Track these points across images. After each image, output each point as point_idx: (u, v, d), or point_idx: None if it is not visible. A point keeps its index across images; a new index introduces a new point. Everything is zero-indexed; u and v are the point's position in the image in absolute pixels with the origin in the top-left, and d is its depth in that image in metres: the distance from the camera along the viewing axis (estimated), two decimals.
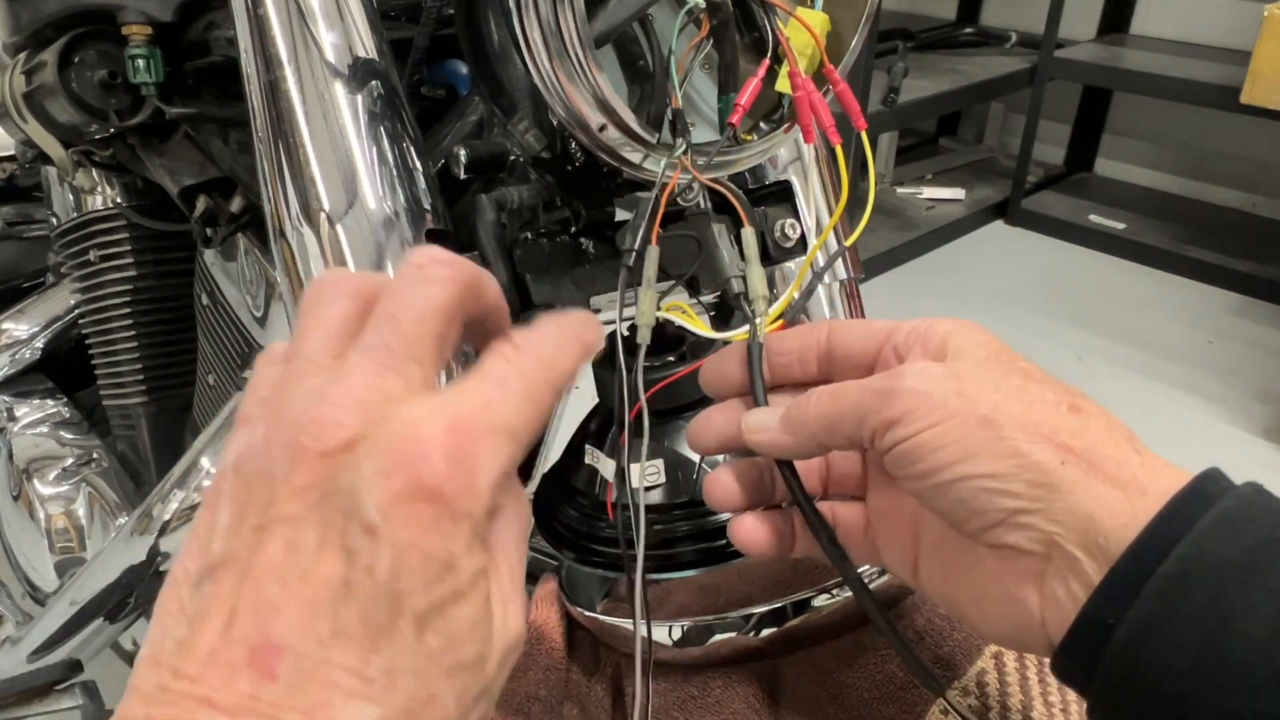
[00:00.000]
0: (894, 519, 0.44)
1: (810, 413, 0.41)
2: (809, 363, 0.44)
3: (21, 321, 1.24)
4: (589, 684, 0.56)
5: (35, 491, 1.11)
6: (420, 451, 0.29)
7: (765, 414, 0.43)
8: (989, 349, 0.39)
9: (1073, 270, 3.19)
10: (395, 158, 0.55)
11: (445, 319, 0.33)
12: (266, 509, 0.29)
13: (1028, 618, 0.37)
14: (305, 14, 0.55)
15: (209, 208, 0.79)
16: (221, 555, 0.30)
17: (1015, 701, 0.52)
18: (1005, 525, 0.37)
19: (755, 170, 0.68)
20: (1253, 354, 2.71)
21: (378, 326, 0.32)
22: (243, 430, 0.32)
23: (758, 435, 0.43)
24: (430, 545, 0.29)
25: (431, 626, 0.29)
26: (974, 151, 3.97)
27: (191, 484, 0.86)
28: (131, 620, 0.92)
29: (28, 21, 0.79)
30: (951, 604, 0.42)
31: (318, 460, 0.29)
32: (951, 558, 0.41)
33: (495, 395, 0.32)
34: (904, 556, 0.44)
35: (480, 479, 0.30)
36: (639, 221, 0.47)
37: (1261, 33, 2.56)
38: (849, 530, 0.45)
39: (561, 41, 0.49)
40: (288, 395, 0.31)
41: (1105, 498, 0.35)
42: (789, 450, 0.42)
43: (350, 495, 0.29)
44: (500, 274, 0.56)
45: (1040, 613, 0.37)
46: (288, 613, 0.28)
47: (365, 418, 0.30)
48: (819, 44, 0.49)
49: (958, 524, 0.38)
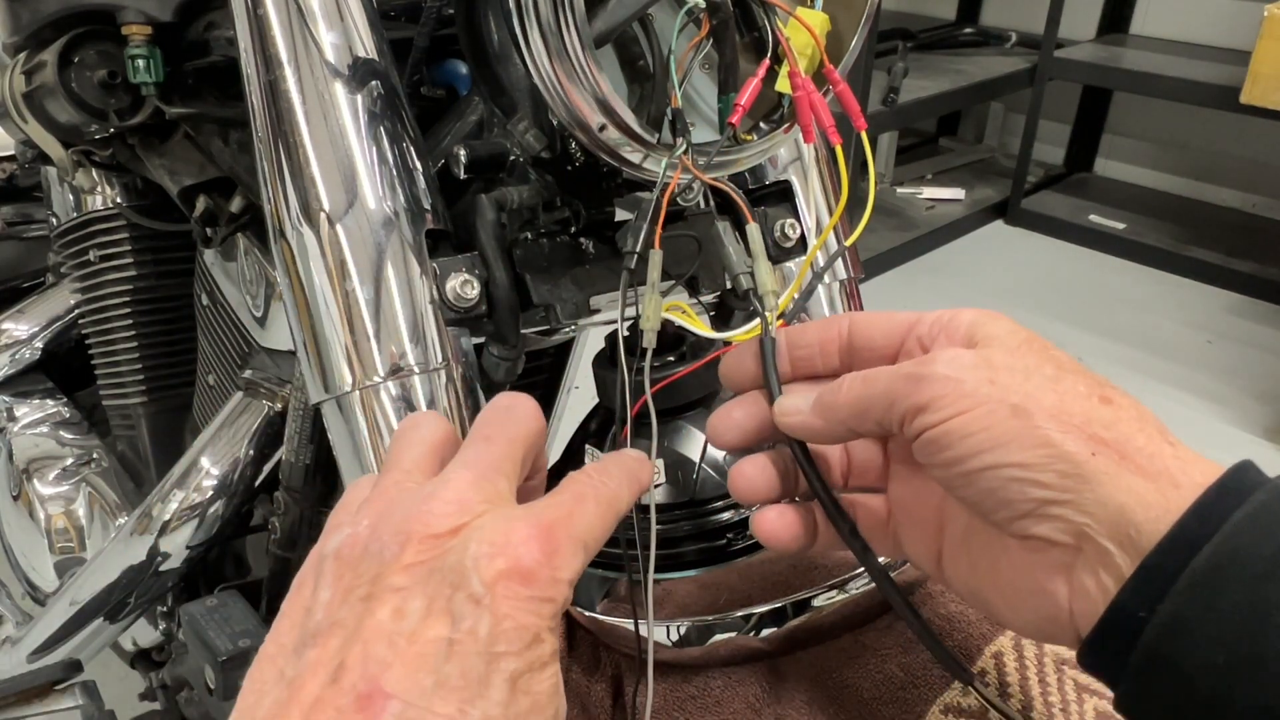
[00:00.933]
0: (918, 510, 0.44)
1: (842, 398, 0.41)
2: (830, 355, 0.44)
3: (21, 321, 1.24)
4: (589, 684, 0.56)
5: (35, 491, 1.11)
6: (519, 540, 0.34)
7: (799, 399, 0.43)
8: (1019, 337, 0.39)
9: (1073, 270, 3.19)
10: (395, 158, 0.55)
11: (527, 447, 0.40)
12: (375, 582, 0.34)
13: (1055, 609, 0.37)
14: (305, 14, 0.55)
15: (209, 208, 0.79)
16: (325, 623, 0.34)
17: (1015, 701, 0.52)
18: (1034, 516, 0.36)
19: (755, 170, 0.68)
20: (1253, 354, 2.71)
21: (474, 446, 0.39)
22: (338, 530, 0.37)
23: (790, 418, 0.43)
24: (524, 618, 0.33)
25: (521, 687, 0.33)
26: (974, 151, 3.97)
27: (191, 484, 0.87)
28: (131, 620, 0.92)
29: (28, 21, 0.79)
30: (977, 596, 0.42)
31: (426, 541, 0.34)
32: (978, 549, 0.40)
33: (577, 510, 0.37)
34: (928, 548, 0.43)
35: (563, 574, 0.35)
36: (640, 223, 0.47)
37: (1261, 33, 2.56)
38: (871, 521, 0.45)
39: (561, 41, 0.49)
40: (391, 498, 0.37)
41: (1137, 490, 0.35)
42: (819, 434, 0.43)
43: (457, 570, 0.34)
44: (500, 274, 0.56)
45: (1069, 605, 0.37)
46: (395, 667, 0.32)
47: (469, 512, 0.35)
48: (819, 44, 0.49)
49: (986, 514, 0.38)
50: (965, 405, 0.37)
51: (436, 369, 0.54)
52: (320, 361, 0.54)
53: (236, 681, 0.79)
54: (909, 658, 0.54)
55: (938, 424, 0.37)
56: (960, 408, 0.37)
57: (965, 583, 0.42)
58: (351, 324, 0.53)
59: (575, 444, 0.61)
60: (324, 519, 0.78)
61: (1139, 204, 3.49)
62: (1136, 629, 0.34)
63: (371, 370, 0.53)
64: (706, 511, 0.57)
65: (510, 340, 0.57)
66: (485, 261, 0.56)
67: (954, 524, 0.42)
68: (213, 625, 0.80)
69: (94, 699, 0.88)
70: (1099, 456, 0.35)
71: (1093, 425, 0.36)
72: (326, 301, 0.54)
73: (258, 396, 0.85)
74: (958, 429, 0.37)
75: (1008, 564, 0.39)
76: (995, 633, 0.53)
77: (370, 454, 0.54)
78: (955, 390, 0.37)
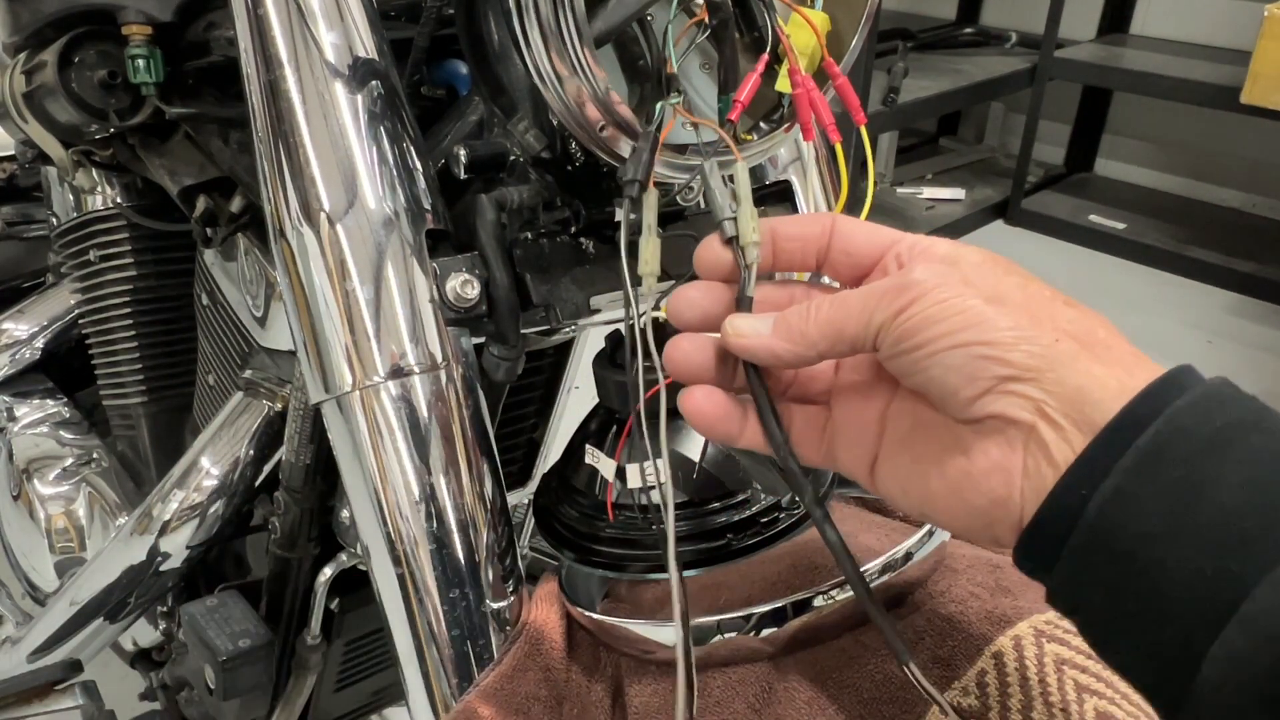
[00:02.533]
0: (860, 416, 0.45)
1: (813, 320, 0.42)
2: (809, 254, 0.45)
3: (21, 321, 1.24)
4: (589, 684, 0.56)
5: (35, 491, 1.11)
6: None
7: (756, 321, 0.43)
8: (986, 255, 0.41)
9: (1073, 270, 3.18)
10: (395, 158, 0.55)
11: None
12: None
13: (1005, 491, 0.38)
14: (305, 14, 0.55)
15: (209, 208, 0.79)
16: None
17: (1015, 702, 0.51)
18: (996, 392, 0.38)
19: (755, 170, 0.68)
20: (1253, 354, 2.71)
21: None
22: None
23: (748, 340, 0.43)
24: None
25: None
26: (974, 151, 3.97)
27: (191, 484, 0.87)
28: (131, 620, 0.92)
29: (28, 21, 0.79)
30: (918, 494, 0.42)
31: None
32: (924, 445, 0.41)
33: None
34: (862, 455, 0.44)
35: None
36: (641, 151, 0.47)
37: (1261, 33, 2.56)
38: (805, 431, 0.46)
39: (561, 41, 0.49)
40: None
41: (1095, 374, 0.37)
42: (784, 358, 0.43)
43: None
44: (500, 274, 0.56)
45: (1020, 485, 0.38)
46: None
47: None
48: (821, 42, 0.49)
49: (945, 395, 0.39)
50: (943, 294, 0.39)
51: (436, 369, 0.54)
52: (320, 361, 0.54)
53: (236, 681, 0.79)
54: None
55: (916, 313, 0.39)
56: (939, 295, 0.39)
57: (903, 482, 0.43)
58: (351, 324, 0.53)
59: (575, 444, 0.61)
60: (324, 518, 0.78)
61: (1139, 204, 3.49)
62: (1079, 507, 0.36)
63: (372, 370, 0.53)
64: (707, 511, 0.57)
65: (510, 340, 0.57)
66: (485, 261, 0.56)
67: (898, 424, 0.43)
68: (213, 625, 0.80)
69: (94, 699, 0.88)
70: (1062, 342, 0.38)
71: (1058, 319, 0.38)
72: (326, 301, 0.54)
73: (258, 396, 0.85)
74: (933, 315, 0.38)
75: (959, 452, 0.40)
76: (995, 633, 0.53)
77: (370, 454, 0.54)
78: (933, 290, 0.39)
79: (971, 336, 0.38)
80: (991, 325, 0.38)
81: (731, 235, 0.45)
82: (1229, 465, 0.34)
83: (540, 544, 0.93)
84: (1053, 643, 0.53)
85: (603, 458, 0.57)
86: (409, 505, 0.54)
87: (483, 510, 0.55)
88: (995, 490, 0.38)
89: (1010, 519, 0.38)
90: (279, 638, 0.83)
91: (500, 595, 0.55)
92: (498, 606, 0.55)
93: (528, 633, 0.55)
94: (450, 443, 0.54)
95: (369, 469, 0.54)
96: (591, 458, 0.58)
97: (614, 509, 0.57)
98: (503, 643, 0.55)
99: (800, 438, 0.46)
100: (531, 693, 0.54)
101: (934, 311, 0.38)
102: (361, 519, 0.55)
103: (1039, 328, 0.38)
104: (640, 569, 0.57)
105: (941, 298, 0.39)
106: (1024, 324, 0.38)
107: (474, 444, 0.55)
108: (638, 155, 0.47)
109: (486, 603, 0.55)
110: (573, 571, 0.59)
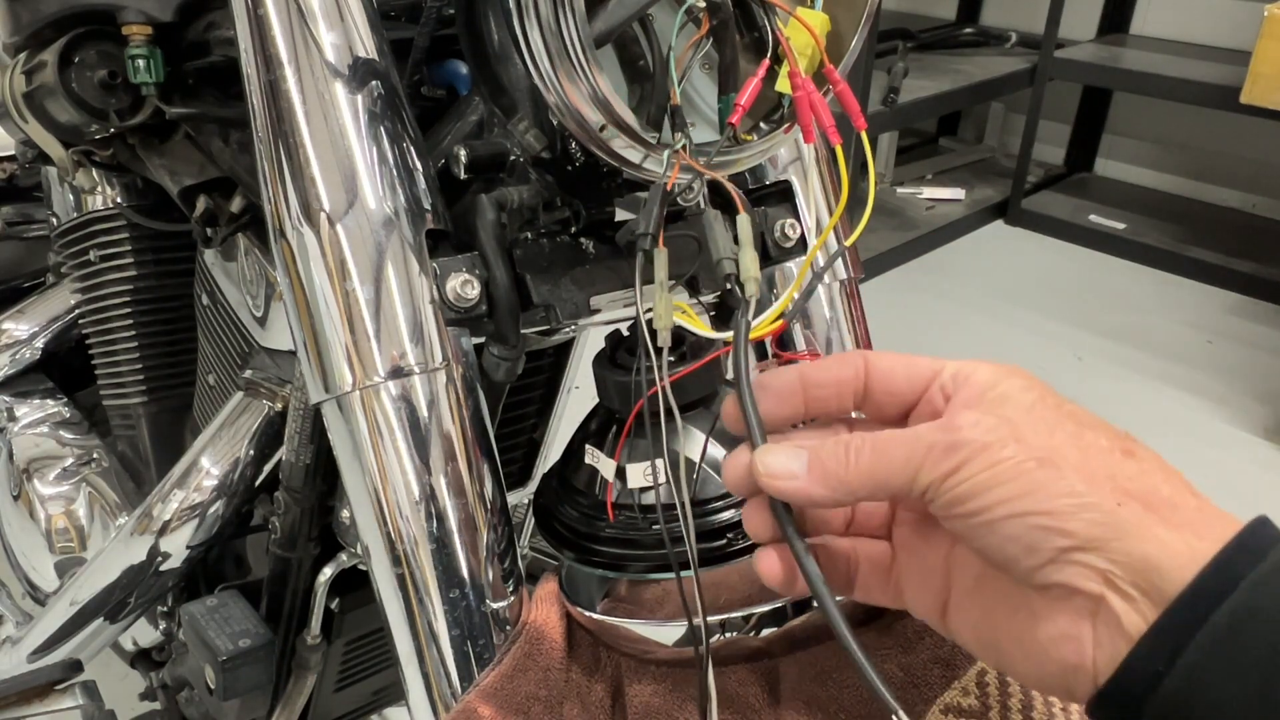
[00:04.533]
0: (925, 559, 0.43)
1: (853, 468, 0.40)
2: (844, 398, 0.43)
3: (21, 321, 1.24)
4: (589, 684, 0.56)
5: (35, 491, 1.11)
6: None
7: (789, 459, 0.41)
8: (1034, 393, 0.39)
9: (1073, 270, 3.18)
10: (395, 158, 0.55)
11: None
12: None
13: (1078, 658, 0.37)
14: (305, 14, 0.55)
15: (209, 208, 0.79)
16: None
17: (1015, 702, 0.52)
18: (1059, 563, 0.36)
19: (755, 170, 0.68)
20: (1253, 354, 2.71)
21: None
22: None
23: (783, 483, 0.41)
24: None
25: None
26: (974, 151, 3.96)
27: (191, 484, 0.87)
28: (132, 620, 0.92)
29: (28, 21, 0.79)
30: (991, 648, 0.41)
31: None
32: (993, 600, 0.40)
33: None
34: (933, 598, 0.43)
35: None
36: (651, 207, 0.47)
37: (1261, 33, 2.56)
38: (871, 574, 0.45)
39: (561, 41, 0.49)
40: None
41: (1163, 539, 0.35)
42: (820, 502, 0.41)
43: None
44: (500, 274, 0.56)
45: (1092, 653, 0.37)
46: None
47: None
48: (819, 44, 0.49)
49: (1007, 562, 0.38)
50: (993, 459, 0.37)
51: (436, 369, 0.54)
52: (320, 361, 0.54)
53: (236, 681, 0.79)
54: (909, 658, 0.54)
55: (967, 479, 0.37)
56: (989, 462, 0.37)
57: (976, 633, 0.41)
58: (351, 324, 0.53)
59: (575, 444, 0.61)
60: (324, 518, 0.78)
61: (1139, 204, 3.49)
62: (1155, 679, 0.35)
63: (372, 370, 0.53)
64: (707, 511, 0.57)
65: (510, 340, 0.57)
66: (485, 261, 0.56)
67: (963, 575, 0.42)
68: (213, 625, 0.80)
69: (94, 699, 0.88)
70: (1124, 507, 0.36)
71: (1118, 478, 0.36)
72: (326, 301, 0.54)
73: (258, 396, 0.85)
74: (986, 481, 0.37)
75: (1026, 615, 0.39)
76: None
77: (370, 454, 0.54)
78: (983, 451, 0.37)
79: (1029, 506, 0.36)
80: (1048, 492, 0.36)
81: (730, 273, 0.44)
82: None
83: (540, 544, 0.93)
84: None
85: (603, 458, 0.57)
86: (409, 505, 0.54)
87: (483, 510, 0.55)
88: (1067, 658, 0.37)
89: (1085, 685, 0.37)
90: (279, 638, 0.83)
91: (500, 595, 0.55)
92: (498, 606, 0.55)
93: (528, 633, 0.55)
94: (450, 443, 0.54)
95: (369, 469, 0.54)
96: (591, 458, 0.58)
97: (614, 509, 0.57)
98: (503, 643, 0.55)
99: (866, 580, 0.45)
100: (531, 693, 0.54)
101: (986, 478, 0.37)
102: (361, 519, 0.55)
103: (1099, 491, 0.36)
104: (640, 569, 0.57)
105: (993, 460, 0.37)
106: (1083, 489, 0.36)
107: (474, 444, 0.55)
108: (648, 211, 0.47)
109: (486, 603, 0.55)
110: (573, 571, 0.59)
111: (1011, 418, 0.38)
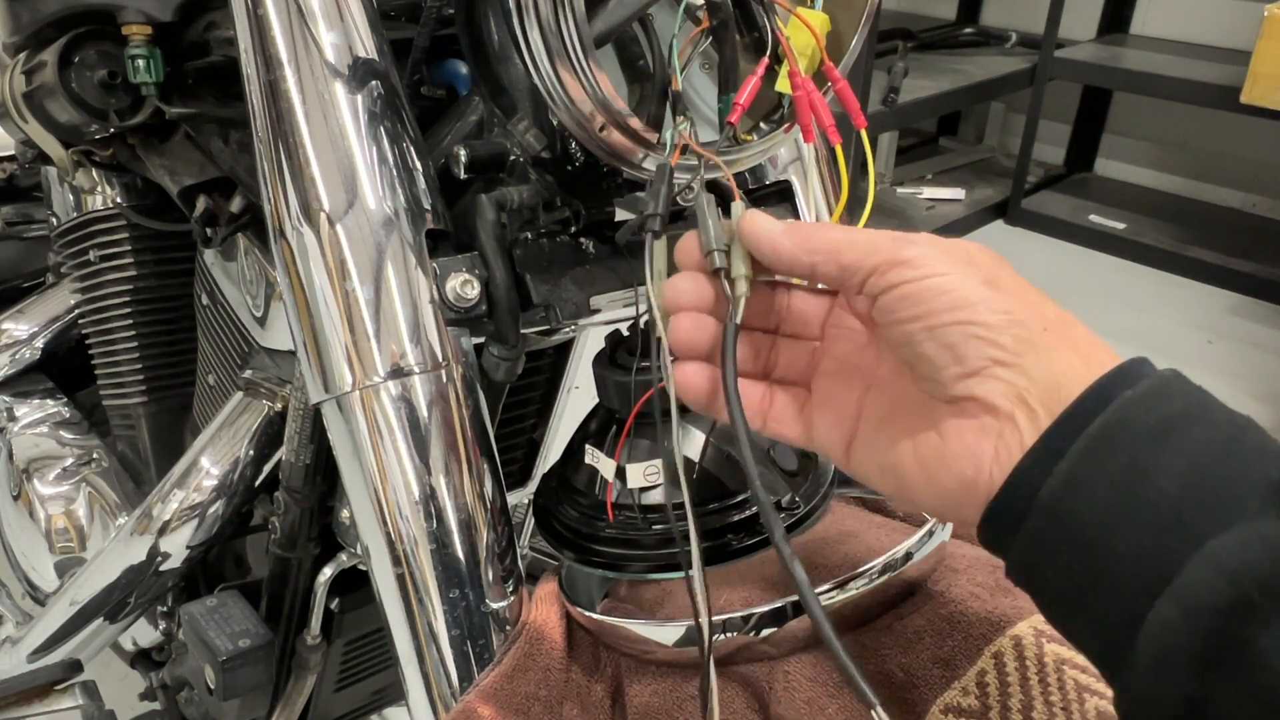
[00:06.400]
0: (840, 401, 0.46)
1: (822, 234, 0.43)
2: None
3: (21, 321, 1.24)
4: (589, 684, 0.56)
5: (35, 491, 1.11)
6: None
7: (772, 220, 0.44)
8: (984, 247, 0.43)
9: (1073, 270, 3.18)
10: (395, 158, 0.55)
11: None
12: None
13: (976, 472, 0.40)
14: (305, 14, 0.55)
15: (209, 208, 0.79)
16: None
17: (1015, 702, 0.52)
18: (982, 376, 0.39)
19: (755, 170, 0.68)
20: (1253, 354, 2.71)
21: None
22: None
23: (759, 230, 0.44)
24: None
25: None
26: (974, 151, 3.96)
27: (191, 484, 0.87)
28: (131, 620, 0.92)
29: (28, 21, 0.79)
30: (891, 473, 0.44)
31: None
32: (900, 429, 0.43)
33: None
34: (839, 435, 0.46)
35: None
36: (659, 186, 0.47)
37: (1261, 33, 2.56)
38: (785, 409, 0.47)
39: (561, 41, 0.49)
40: None
41: (1069, 361, 0.39)
42: (782, 258, 0.44)
43: None
44: (500, 274, 0.56)
45: (990, 468, 0.39)
46: None
47: None
48: (820, 43, 0.49)
49: (935, 372, 0.40)
50: (943, 268, 0.40)
51: (436, 369, 0.54)
52: (320, 361, 0.54)
53: (236, 681, 0.79)
54: (909, 658, 0.54)
55: (916, 280, 0.40)
56: (939, 269, 0.40)
57: (878, 460, 0.44)
58: (351, 324, 0.53)
59: (575, 444, 0.61)
60: (324, 518, 0.78)
61: (1139, 204, 3.49)
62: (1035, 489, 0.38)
63: (372, 370, 0.53)
64: (707, 511, 0.57)
65: (510, 340, 0.57)
66: (485, 261, 0.56)
67: (877, 405, 0.45)
68: (213, 625, 0.80)
69: (94, 699, 0.88)
70: (1050, 332, 0.40)
71: (1045, 313, 0.41)
72: (326, 301, 0.54)
73: (258, 396, 0.85)
74: (935, 286, 0.40)
75: (935, 434, 0.41)
76: (995, 633, 0.53)
77: (370, 454, 0.54)
78: (936, 256, 0.41)
79: (968, 316, 0.39)
80: (989, 307, 0.39)
81: (720, 266, 0.45)
82: (1170, 454, 0.36)
83: (540, 544, 0.93)
84: (1053, 642, 0.53)
85: (603, 458, 0.57)
86: (409, 505, 0.54)
87: (483, 510, 0.55)
88: (965, 473, 0.40)
89: (976, 501, 0.40)
90: (279, 638, 0.83)
91: (500, 595, 0.55)
92: (498, 606, 0.55)
93: (528, 633, 0.55)
94: (450, 443, 0.54)
95: (369, 469, 0.54)
96: (591, 458, 0.58)
97: (614, 509, 0.57)
98: (503, 643, 0.55)
99: (780, 415, 0.47)
100: (531, 693, 0.54)
101: (935, 283, 0.40)
102: (361, 519, 0.55)
103: (1029, 315, 0.40)
104: (640, 569, 0.57)
105: (942, 269, 0.40)
106: (1017, 308, 0.40)
107: (474, 444, 0.55)
108: (654, 189, 0.48)
109: (486, 603, 0.55)
110: (573, 571, 0.59)
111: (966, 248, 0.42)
